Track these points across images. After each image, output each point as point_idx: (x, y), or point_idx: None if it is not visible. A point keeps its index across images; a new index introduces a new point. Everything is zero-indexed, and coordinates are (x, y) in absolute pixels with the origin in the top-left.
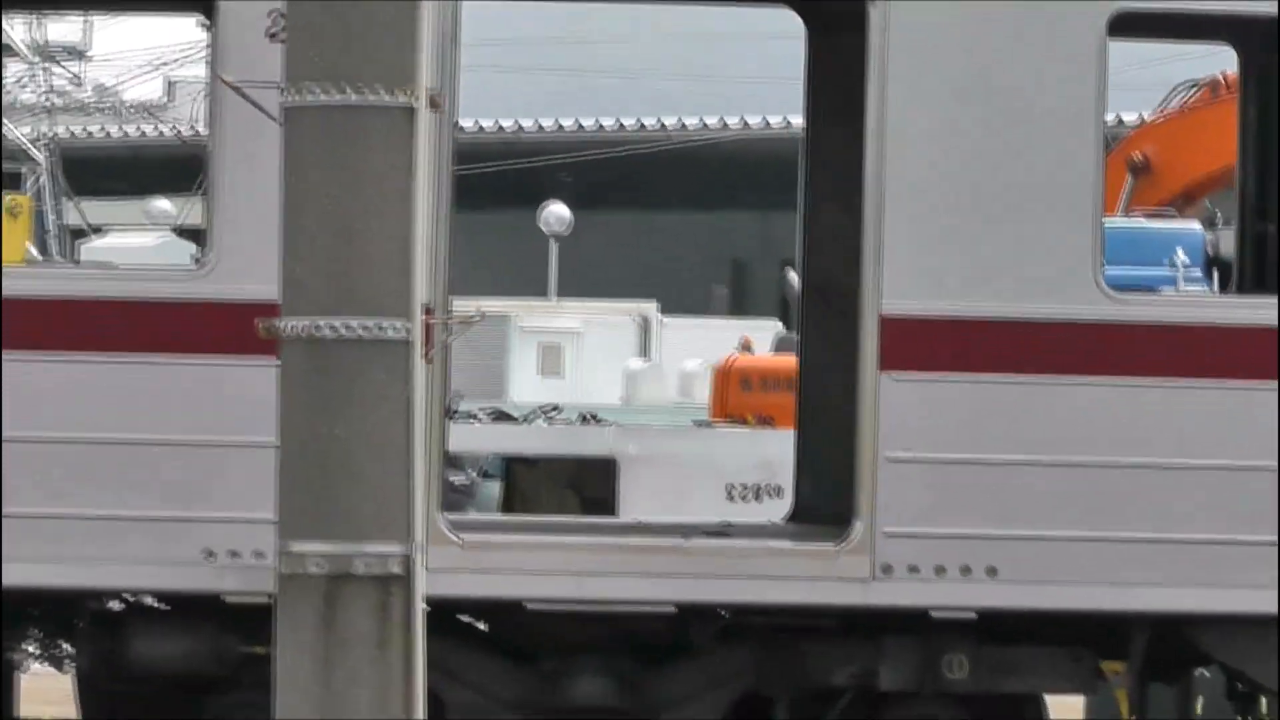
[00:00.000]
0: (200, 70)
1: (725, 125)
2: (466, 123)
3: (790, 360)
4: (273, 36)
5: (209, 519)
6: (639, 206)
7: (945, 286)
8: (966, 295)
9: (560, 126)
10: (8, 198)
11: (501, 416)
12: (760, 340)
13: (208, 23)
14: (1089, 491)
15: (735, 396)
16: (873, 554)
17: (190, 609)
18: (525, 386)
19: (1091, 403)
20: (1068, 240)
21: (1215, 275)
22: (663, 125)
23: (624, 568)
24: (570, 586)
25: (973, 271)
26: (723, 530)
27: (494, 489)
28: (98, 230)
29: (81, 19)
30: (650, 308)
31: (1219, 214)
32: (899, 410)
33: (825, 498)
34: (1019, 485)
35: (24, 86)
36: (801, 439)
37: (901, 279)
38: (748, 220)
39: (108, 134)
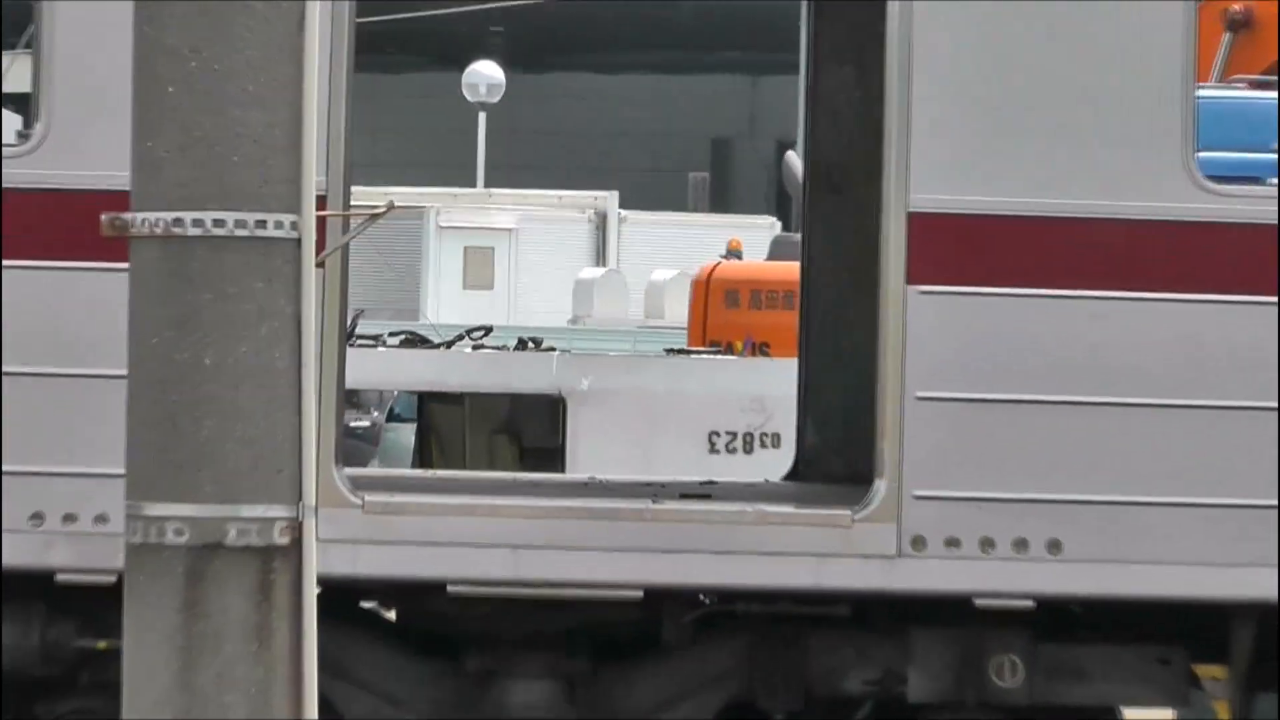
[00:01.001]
0: None
1: None
2: None
3: (790, 269)
4: None
5: (35, 472)
6: (591, 68)
7: (991, 175)
8: (1018, 186)
9: None
10: None
11: (415, 341)
12: (751, 244)
13: None
14: (1183, 443)
15: (719, 316)
16: (899, 522)
17: (12, 590)
18: (447, 302)
19: (1187, 326)
20: (1149, 115)
21: None
22: None
23: (575, 539)
24: (505, 563)
25: (1027, 156)
26: (703, 492)
27: (405, 436)
28: None
29: None
30: (608, 200)
31: None
32: (932, 335)
33: (837, 449)
34: (1091, 434)
35: None
36: (806, 372)
37: (935, 165)
38: (733, 87)
39: None
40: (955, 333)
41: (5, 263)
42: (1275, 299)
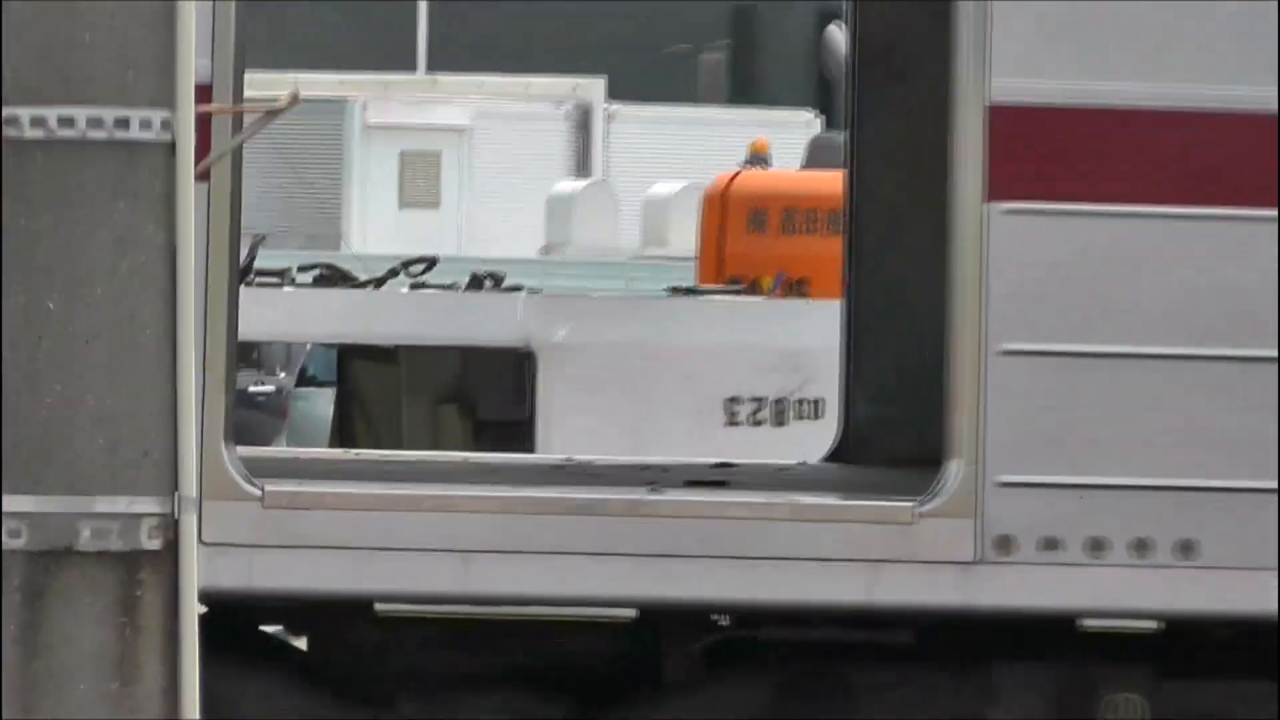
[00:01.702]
0: None
1: None
2: None
3: (835, 181)
4: None
5: None
6: None
7: (1100, 55)
8: (1135, 71)
9: None
10: None
11: (335, 278)
12: (783, 146)
13: None
14: None
15: (741, 244)
16: (979, 517)
17: None
18: (377, 226)
19: None
20: None
21: None
22: None
23: (547, 541)
24: (453, 574)
25: (1146, 31)
26: (718, 478)
27: (321, 406)
28: None
29: None
30: (591, 90)
31: None
32: (1021, 269)
33: (896, 422)
34: (1237, 398)
35: None
36: (854, 318)
37: (1025, 41)
38: None
39: None
40: (1052, 265)
41: None
42: None
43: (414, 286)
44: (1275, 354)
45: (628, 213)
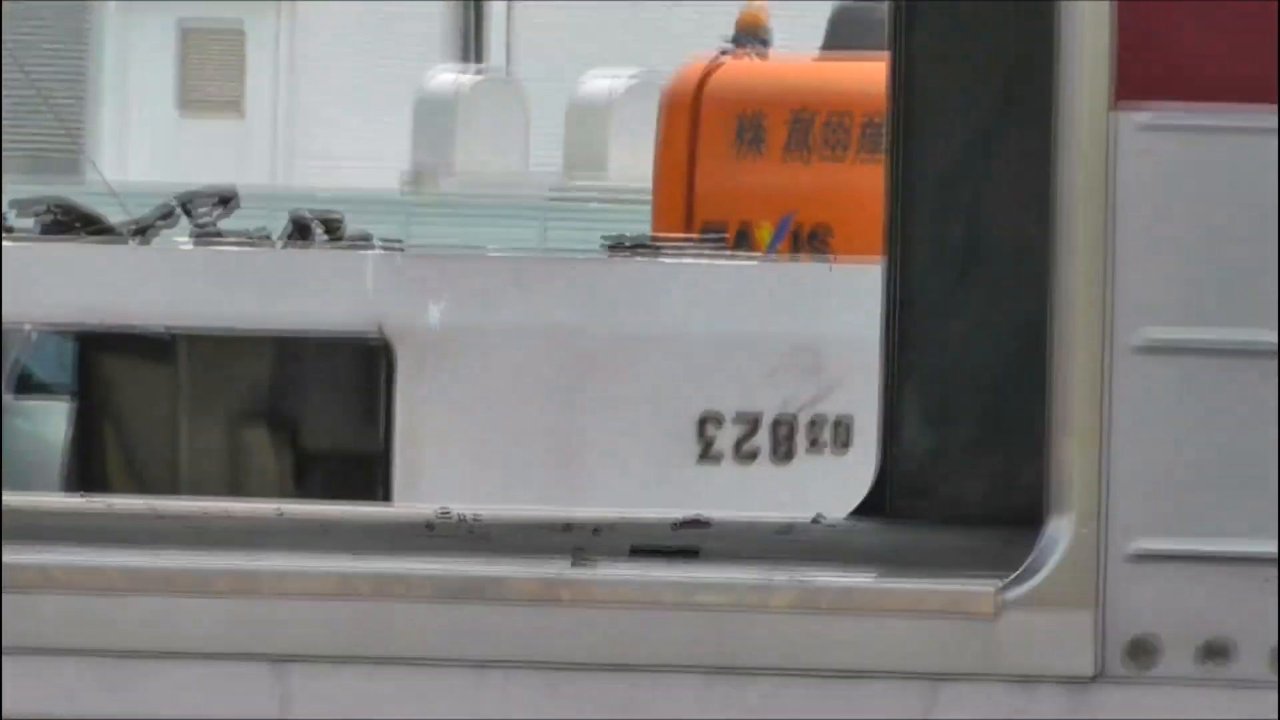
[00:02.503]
0: None
1: None
2: None
3: (870, 72)
4: None
5: None
6: None
7: None
8: None
9: None
10: None
11: (70, 223)
12: (790, 14)
13: None
14: None
15: (720, 171)
16: (1101, 608)
17: None
18: (142, 142)
19: None
20: None
21: None
22: None
23: (409, 644)
24: (259, 694)
25: None
26: (684, 544)
27: (48, 424)
28: None
29: None
30: None
31: None
32: (1167, 213)
33: (964, 455)
34: None
35: None
36: (904, 292)
37: None
38: None
39: None
40: (1222, 207)
41: None
42: None
43: (199, 238)
44: None
45: (543, 122)
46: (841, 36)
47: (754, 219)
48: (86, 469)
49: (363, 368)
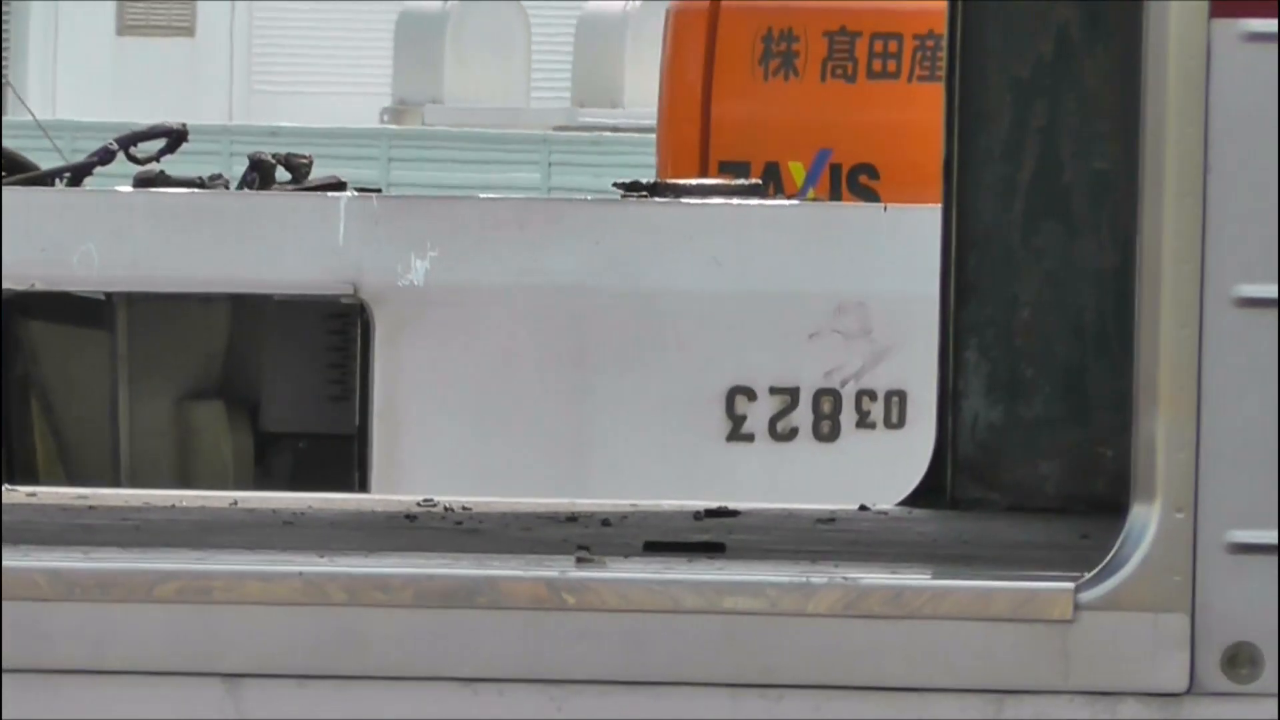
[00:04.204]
0: None
1: None
2: None
3: None
4: None
5: None
6: None
7: None
8: None
9: None
10: None
11: None
12: None
13: None
14: None
15: (742, 97)
16: (1195, 611)
17: None
18: (75, 69)
19: None
20: None
21: None
22: None
23: (384, 659)
24: (210, 710)
25: None
26: (708, 536)
27: None
28: None
29: None
30: None
31: None
32: (1273, 135)
33: (1036, 433)
34: None
35: None
36: (966, 245)
37: None
38: None
39: None
40: None
41: None
42: None
43: (141, 181)
44: None
45: (546, 45)
46: None
47: (782, 157)
48: (9, 454)
49: (334, 333)
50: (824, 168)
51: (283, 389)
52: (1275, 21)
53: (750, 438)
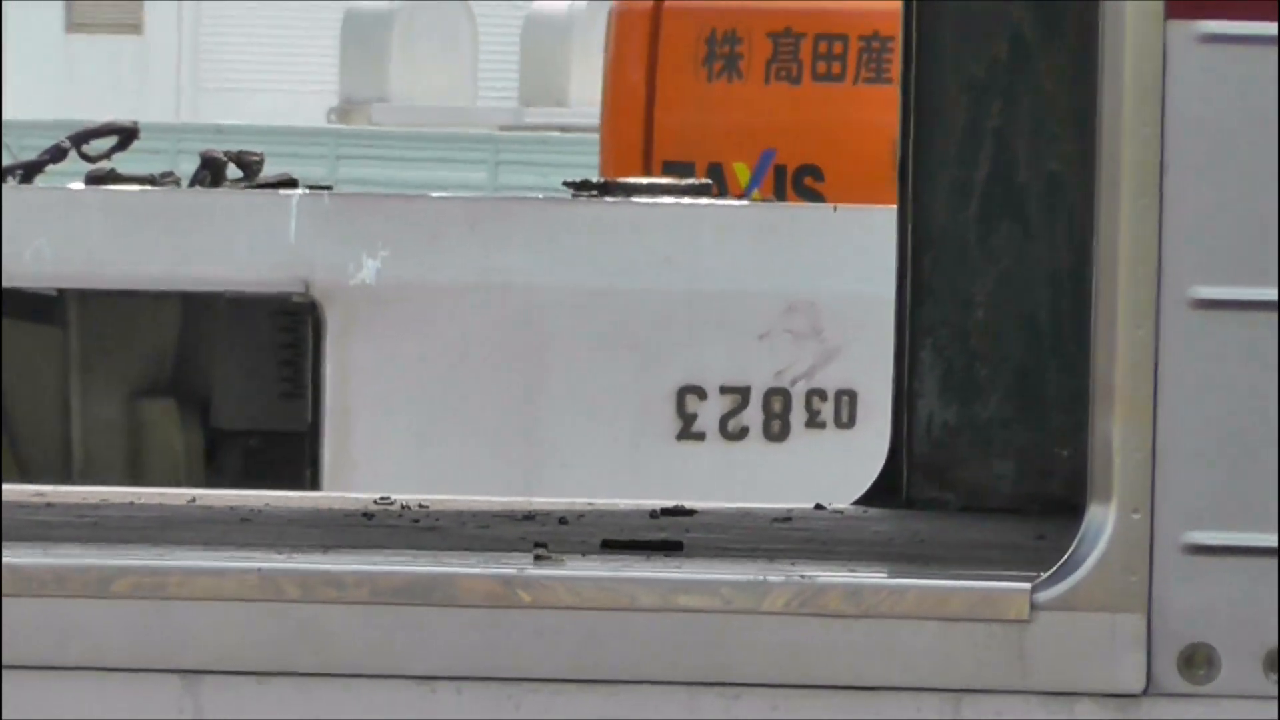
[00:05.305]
0: None
1: None
2: None
3: None
4: None
5: None
6: None
7: None
8: None
9: None
10: None
11: None
12: None
13: None
14: None
15: (685, 99)
16: (1151, 612)
17: None
18: (25, 67)
19: None
20: None
21: None
22: None
23: (339, 657)
24: (168, 709)
25: None
26: (665, 535)
27: None
28: None
29: None
30: None
31: None
32: (1228, 137)
33: (990, 432)
34: None
35: None
36: (919, 244)
37: None
38: None
39: None
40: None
41: None
42: None
43: (93, 180)
44: None
45: (494, 44)
46: None
47: (727, 158)
48: None
49: (286, 330)
50: (768, 169)
51: (234, 386)
52: (1231, 23)
53: (701, 436)
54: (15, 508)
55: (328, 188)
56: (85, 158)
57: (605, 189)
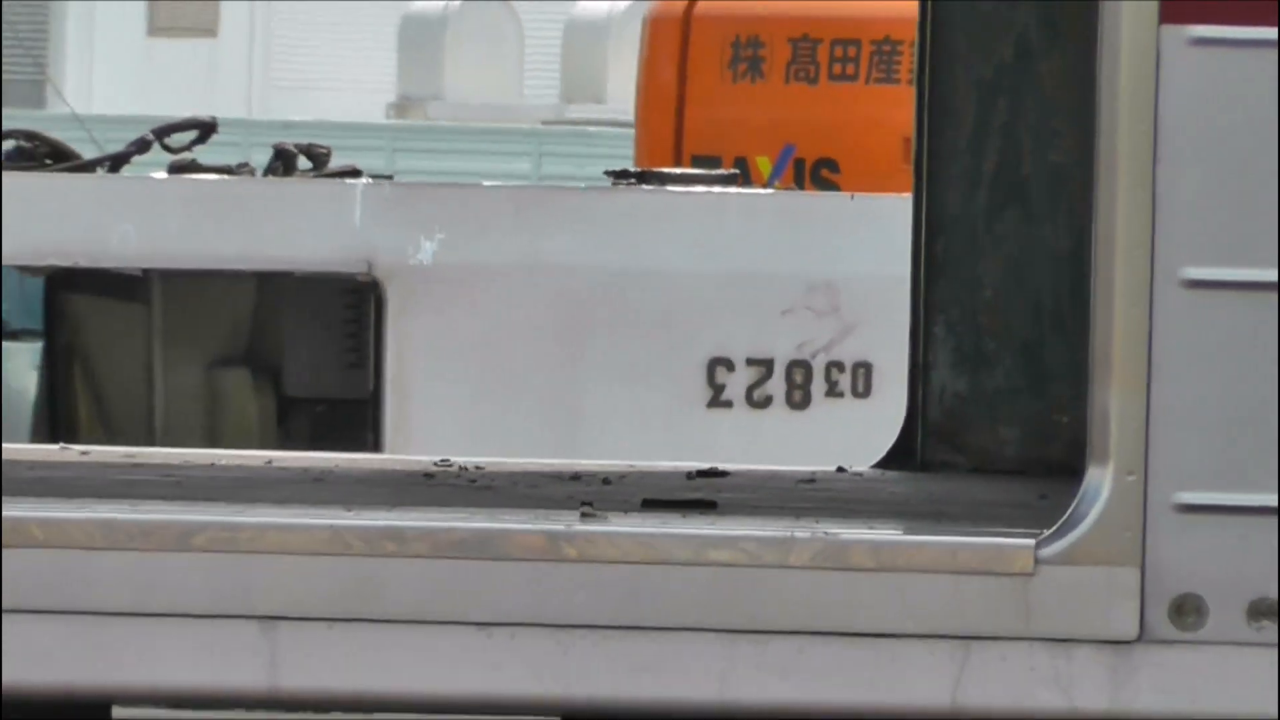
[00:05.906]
0: None
1: None
2: None
3: None
4: None
5: None
6: None
7: None
8: None
9: None
10: None
11: (38, 154)
12: None
13: None
14: None
15: (713, 98)
16: (1145, 566)
17: None
18: (110, 68)
19: None
20: None
21: None
22: None
23: (404, 604)
24: (246, 656)
25: None
26: (698, 494)
27: (18, 370)
28: None
29: None
30: None
31: None
32: (1214, 133)
33: (999, 402)
34: None
35: None
36: (933, 229)
37: None
38: None
39: None
40: (1272, 126)
41: None
42: None
43: (175, 169)
44: None
45: (539, 46)
46: None
47: (750, 152)
48: (56, 414)
49: (350, 307)
50: (789, 162)
51: (303, 357)
52: (1220, 28)
53: (729, 404)
54: (106, 468)
55: (388, 177)
56: (168, 149)
57: (642, 178)
